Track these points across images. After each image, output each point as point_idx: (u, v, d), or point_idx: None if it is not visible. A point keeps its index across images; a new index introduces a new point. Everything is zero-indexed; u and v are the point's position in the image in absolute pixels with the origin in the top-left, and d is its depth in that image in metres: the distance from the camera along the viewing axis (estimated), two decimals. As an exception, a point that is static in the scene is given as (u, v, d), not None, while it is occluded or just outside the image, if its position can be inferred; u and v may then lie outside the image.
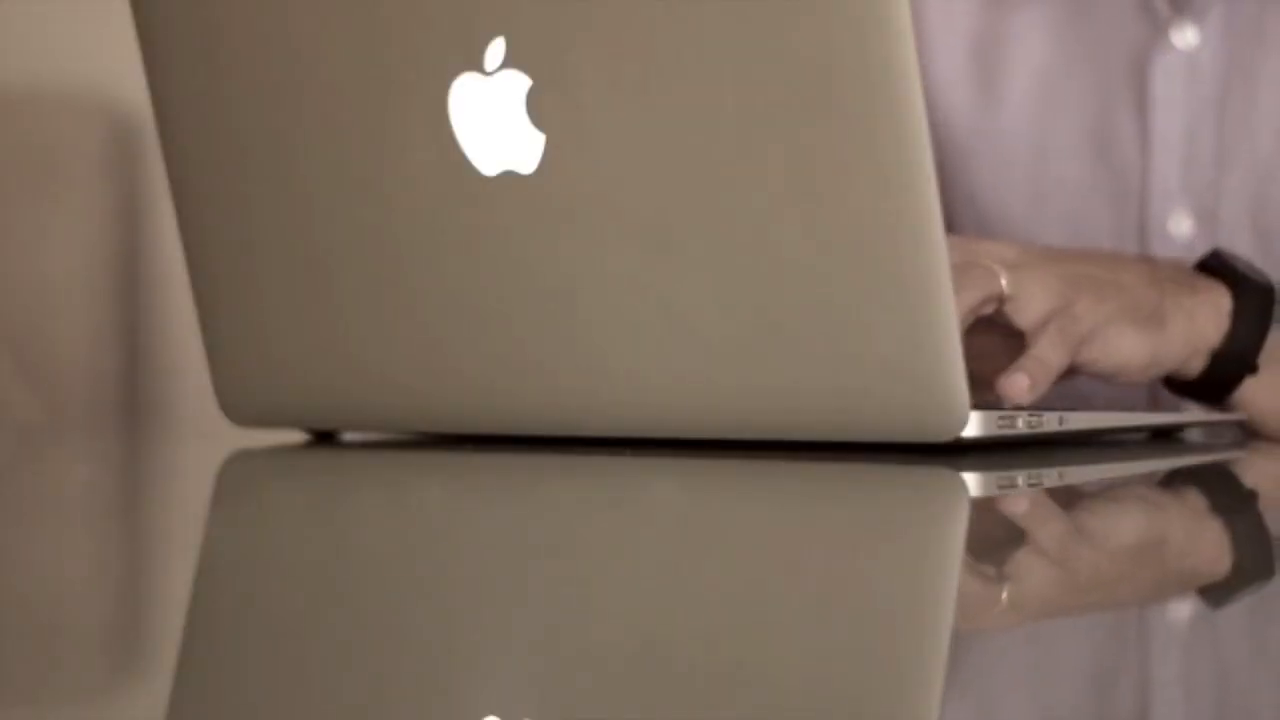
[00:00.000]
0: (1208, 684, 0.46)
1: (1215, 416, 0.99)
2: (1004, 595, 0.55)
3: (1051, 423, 0.82)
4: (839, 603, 0.53)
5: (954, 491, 0.75)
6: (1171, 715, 0.43)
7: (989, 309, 0.88)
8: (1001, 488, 0.75)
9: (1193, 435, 0.97)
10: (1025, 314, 0.88)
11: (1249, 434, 0.98)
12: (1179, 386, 0.97)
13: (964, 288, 0.87)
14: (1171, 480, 0.87)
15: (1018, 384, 0.83)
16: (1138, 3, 1.19)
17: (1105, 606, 0.54)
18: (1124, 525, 0.70)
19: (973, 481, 0.76)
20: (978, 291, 0.87)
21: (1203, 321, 0.95)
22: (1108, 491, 0.81)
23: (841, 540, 0.65)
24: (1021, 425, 0.80)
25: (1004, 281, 0.88)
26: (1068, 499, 0.77)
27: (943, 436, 0.75)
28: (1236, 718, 0.43)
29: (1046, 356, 0.86)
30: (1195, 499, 0.80)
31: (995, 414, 0.78)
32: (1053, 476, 0.80)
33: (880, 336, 0.75)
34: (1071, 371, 0.91)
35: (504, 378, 0.84)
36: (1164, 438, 0.93)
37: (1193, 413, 0.98)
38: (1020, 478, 0.77)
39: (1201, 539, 0.67)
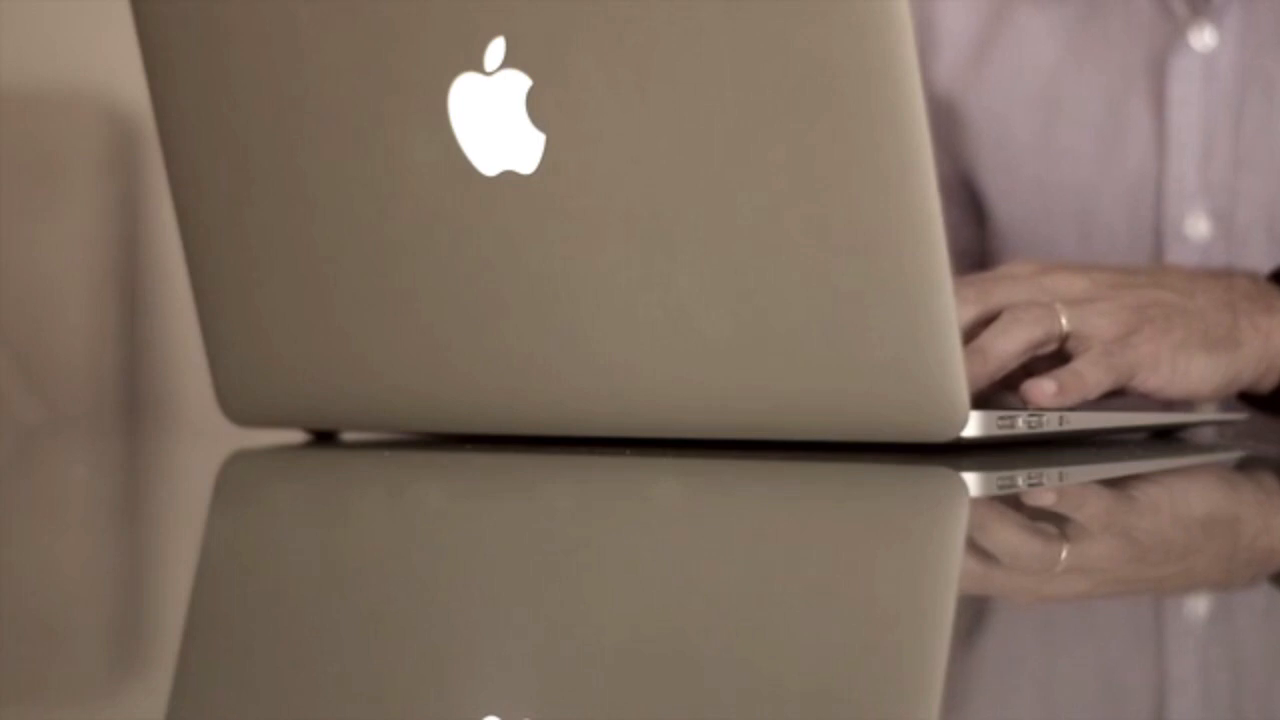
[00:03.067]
0: (1220, 684, 0.46)
1: (1216, 417, 0.99)
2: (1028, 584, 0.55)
3: (1051, 423, 0.82)
4: (839, 602, 0.53)
5: (954, 491, 0.75)
6: (1188, 716, 0.43)
7: (1049, 348, 0.88)
8: (1001, 488, 0.75)
9: (1203, 435, 0.97)
10: (1085, 346, 0.88)
11: (1248, 434, 0.98)
12: (1251, 400, 0.97)
13: (1021, 325, 0.86)
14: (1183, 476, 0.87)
15: (1043, 388, 0.82)
16: (1155, 4, 1.19)
17: (1121, 601, 0.54)
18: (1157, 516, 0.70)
19: (973, 481, 0.76)
20: (1037, 330, 0.86)
21: (1278, 339, 0.95)
22: (1125, 487, 0.81)
23: (841, 540, 0.65)
24: (1021, 425, 0.80)
25: (1064, 320, 0.88)
26: (1087, 496, 0.77)
27: (943, 436, 0.75)
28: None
29: (1084, 372, 0.85)
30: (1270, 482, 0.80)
31: (995, 414, 0.78)
32: (1053, 476, 0.80)
33: (880, 336, 0.75)
34: (1130, 393, 0.91)
35: (504, 378, 0.84)
36: (1164, 438, 0.93)
37: (1193, 413, 0.98)
38: (1020, 478, 0.77)
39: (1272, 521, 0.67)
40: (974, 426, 0.76)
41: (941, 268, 0.73)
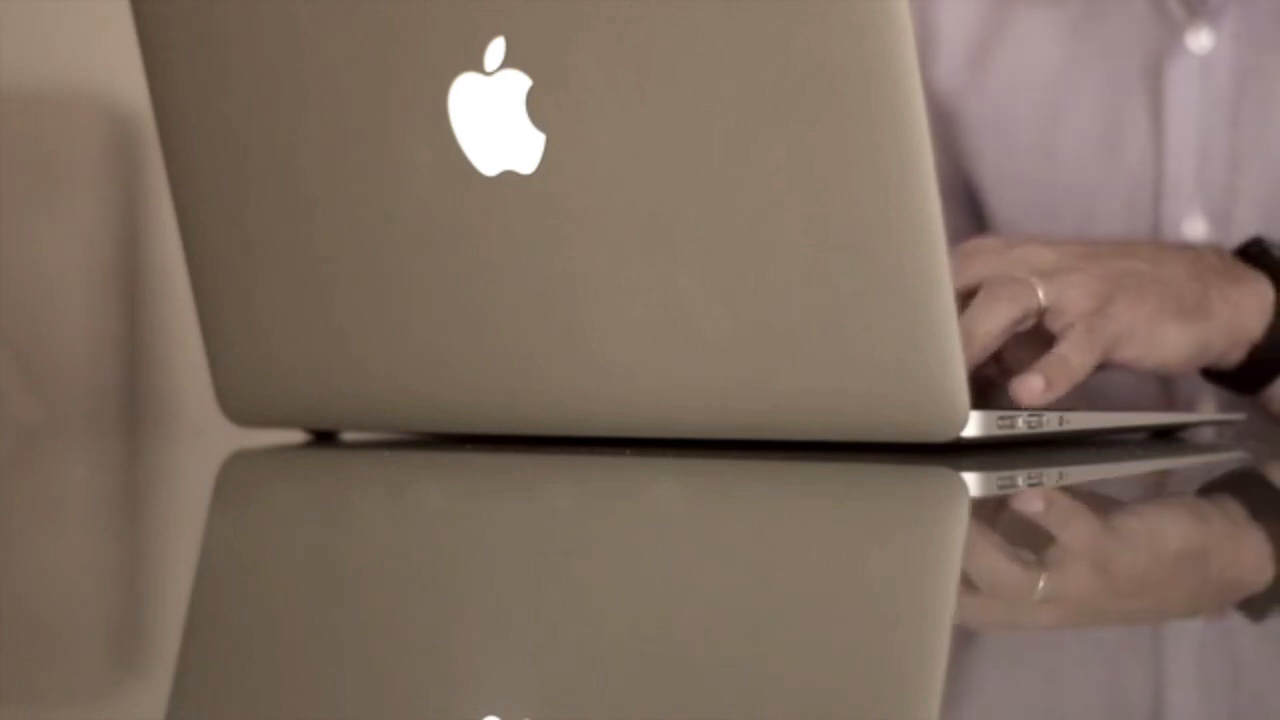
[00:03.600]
0: (1221, 689, 0.46)
1: (1216, 417, 0.99)
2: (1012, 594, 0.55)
3: (1051, 423, 0.82)
4: (839, 602, 0.53)
5: (954, 491, 0.75)
6: (1186, 715, 0.43)
7: (1028, 325, 0.88)
8: (1001, 488, 0.75)
9: (1203, 435, 0.97)
10: (1061, 320, 0.87)
11: (1248, 434, 0.98)
12: (1215, 376, 0.97)
13: (1001, 302, 0.86)
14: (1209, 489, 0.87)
15: (1031, 386, 0.82)
16: (1152, 6, 1.19)
17: (1122, 611, 0.54)
18: (1150, 531, 0.70)
19: (973, 481, 0.76)
20: (1016, 307, 0.86)
21: (1246, 312, 0.95)
22: (1126, 495, 0.81)
23: (841, 540, 0.65)
24: (1021, 425, 0.80)
25: (1041, 294, 0.87)
26: (1088, 500, 0.77)
27: (943, 436, 0.75)
28: None
29: (1069, 357, 0.85)
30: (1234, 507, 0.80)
31: (995, 414, 0.78)
32: (1053, 476, 0.80)
33: (880, 337, 0.75)
34: (1109, 366, 0.91)
35: (504, 378, 0.84)
36: (1164, 438, 0.93)
37: (1193, 413, 0.99)
38: (1020, 478, 0.77)
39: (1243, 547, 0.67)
40: (974, 426, 0.75)
41: (941, 268, 0.73)
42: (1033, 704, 0.43)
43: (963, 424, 0.75)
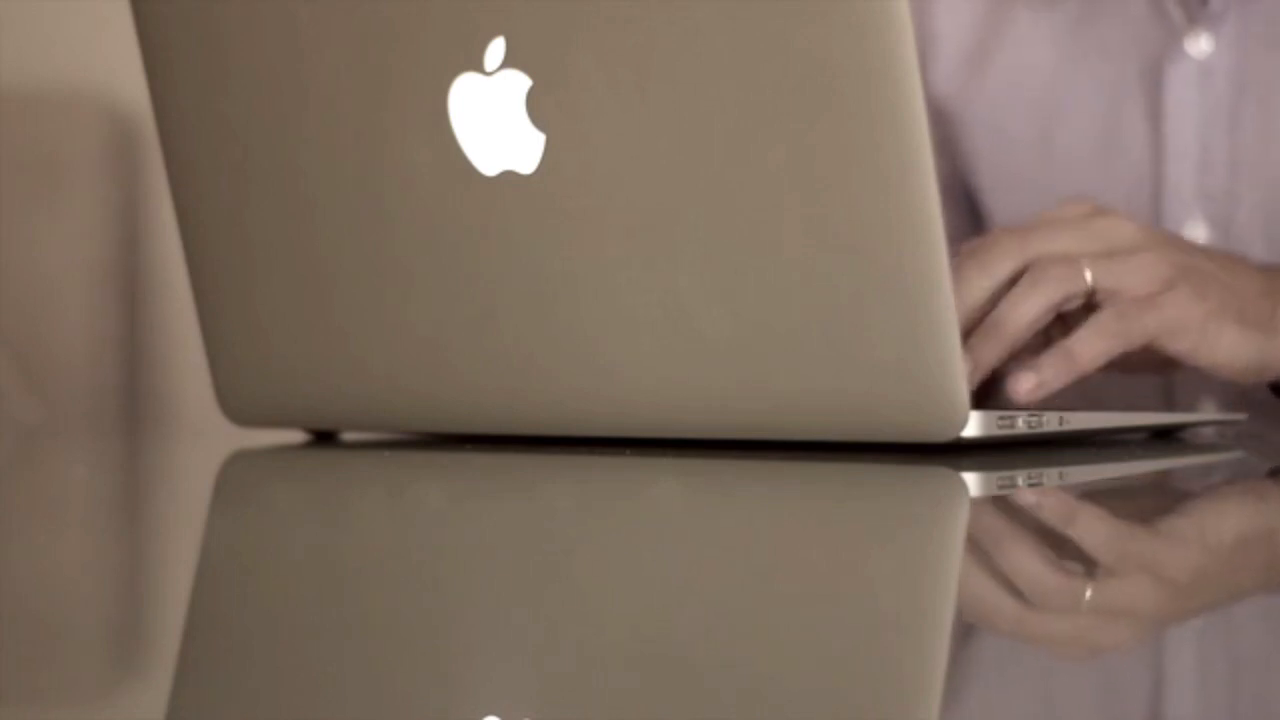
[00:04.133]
0: (1223, 687, 0.46)
1: (1216, 417, 0.99)
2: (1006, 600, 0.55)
3: (1051, 423, 0.82)
4: (839, 602, 0.53)
5: (954, 491, 0.75)
6: (1185, 714, 0.43)
7: (1073, 304, 0.86)
8: (1001, 488, 0.75)
9: (1203, 434, 0.97)
10: (1112, 301, 0.86)
11: (1248, 434, 0.98)
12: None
13: (1040, 287, 0.84)
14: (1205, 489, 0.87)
15: (1020, 384, 0.82)
16: (1152, 10, 1.19)
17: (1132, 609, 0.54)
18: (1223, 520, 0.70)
19: (973, 481, 0.76)
20: (1058, 292, 0.85)
21: None
22: (1116, 493, 0.81)
23: (841, 540, 0.65)
24: (1021, 425, 0.80)
25: (1089, 275, 0.85)
26: (1092, 499, 0.77)
27: (943, 436, 0.75)
28: None
29: (1075, 348, 0.84)
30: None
31: (995, 414, 0.78)
32: (1053, 476, 0.80)
33: (880, 337, 0.75)
34: (1170, 364, 0.89)
35: (504, 378, 0.84)
36: (1164, 438, 0.93)
37: (1193, 413, 0.98)
38: (1020, 478, 0.77)
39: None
40: (974, 426, 0.75)
41: (941, 268, 0.73)
42: (1033, 704, 0.43)
43: (963, 424, 0.75)
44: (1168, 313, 0.87)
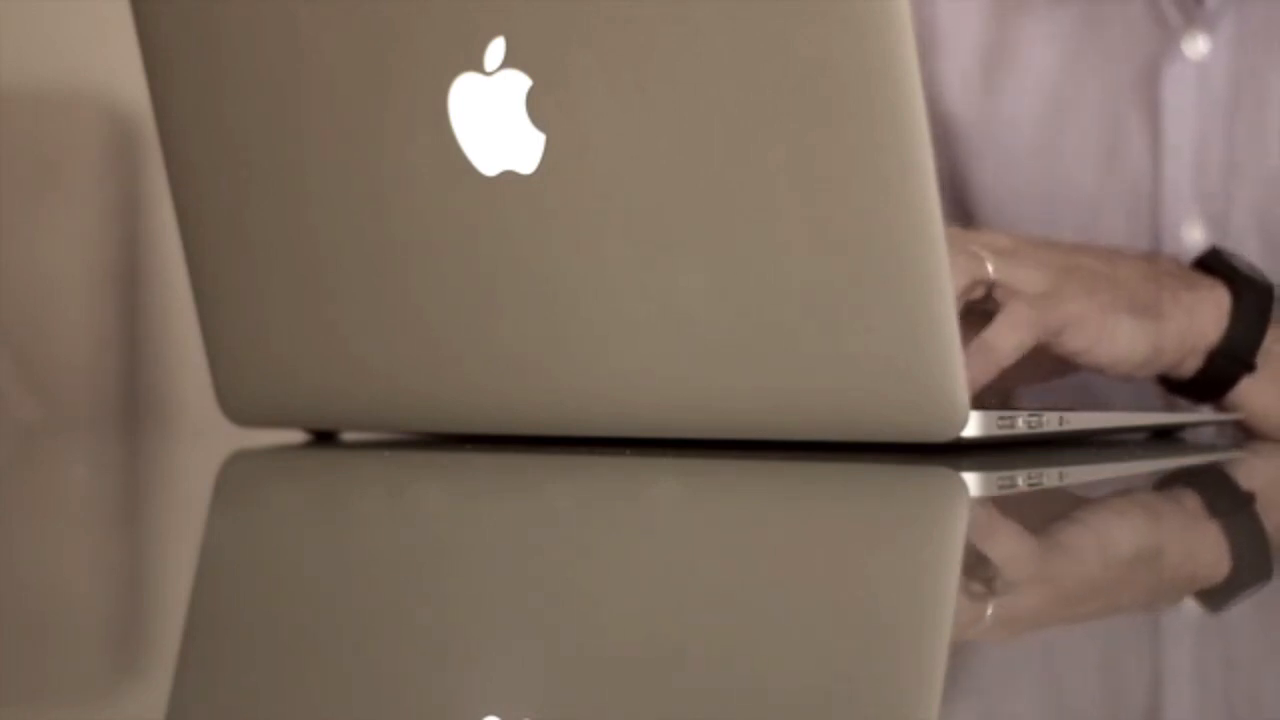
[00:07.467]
0: (1212, 687, 0.46)
1: (1216, 417, 0.99)
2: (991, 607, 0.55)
3: (1051, 423, 0.82)
4: (838, 603, 0.53)
5: (954, 491, 0.75)
6: (1178, 716, 0.43)
7: (977, 293, 0.88)
8: (1001, 488, 0.75)
9: (1203, 435, 0.97)
10: (1010, 297, 0.87)
11: (1247, 434, 0.98)
12: (1174, 385, 0.96)
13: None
14: (1167, 483, 0.87)
15: None
16: (1149, 12, 1.19)
17: (1105, 611, 0.54)
18: (1119, 530, 0.70)
19: (973, 481, 0.76)
20: (962, 276, 0.86)
21: (1202, 318, 0.94)
22: (1103, 495, 0.81)
23: (841, 540, 0.65)
24: (1021, 425, 0.80)
25: (990, 267, 0.87)
26: (1066, 502, 0.77)
27: (943, 436, 0.75)
28: None
29: (993, 341, 0.85)
30: (1192, 501, 0.80)
31: (995, 414, 0.78)
32: (1053, 476, 0.80)
33: (880, 336, 0.75)
34: (1068, 365, 0.91)
35: (504, 378, 0.84)
36: (1164, 438, 0.93)
37: (1193, 413, 0.98)
38: (1020, 478, 0.77)
39: (1199, 542, 0.67)
40: (974, 426, 0.76)
41: (941, 268, 0.73)
42: (1033, 704, 0.43)
43: (963, 424, 0.75)
44: (1069, 308, 0.88)
